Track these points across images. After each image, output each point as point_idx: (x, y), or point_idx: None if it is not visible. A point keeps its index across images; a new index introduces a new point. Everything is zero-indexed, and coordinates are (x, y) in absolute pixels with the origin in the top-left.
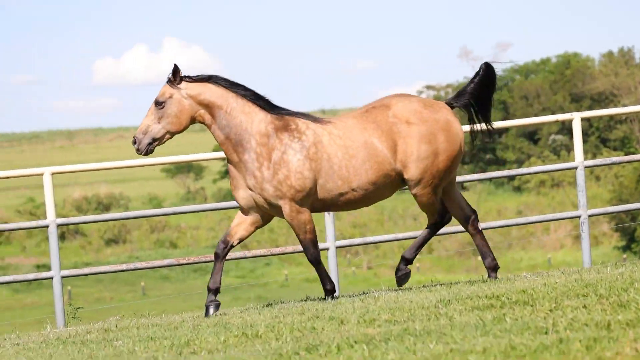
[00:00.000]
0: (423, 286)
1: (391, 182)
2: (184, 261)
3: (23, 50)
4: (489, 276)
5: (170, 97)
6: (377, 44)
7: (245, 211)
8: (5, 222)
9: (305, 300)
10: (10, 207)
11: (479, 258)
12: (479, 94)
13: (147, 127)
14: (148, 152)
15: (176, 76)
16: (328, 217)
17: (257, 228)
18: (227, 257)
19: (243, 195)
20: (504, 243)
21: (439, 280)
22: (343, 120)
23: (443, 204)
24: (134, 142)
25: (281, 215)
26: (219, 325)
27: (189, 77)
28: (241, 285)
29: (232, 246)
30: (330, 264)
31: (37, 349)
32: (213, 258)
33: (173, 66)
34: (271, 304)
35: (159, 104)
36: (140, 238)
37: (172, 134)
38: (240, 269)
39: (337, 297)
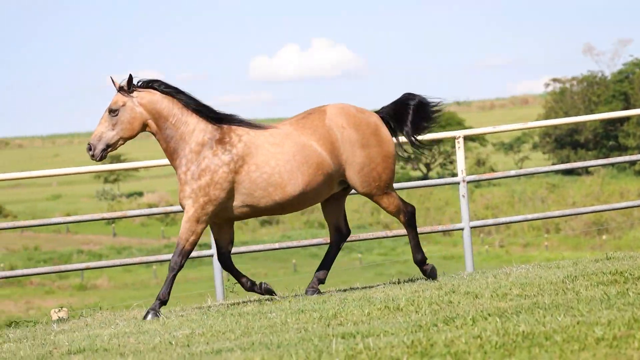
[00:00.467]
0: (551, 263)
1: (329, 184)
2: None
3: (187, 48)
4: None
5: (124, 105)
6: (507, 41)
7: None
8: (171, 205)
9: (443, 276)
10: (174, 191)
11: (604, 237)
12: (395, 114)
13: (101, 133)
14: (102, 157)
15: (130, 85)
16: (463, 199)
17: (231, 222)
18: (370, 237)
19: None
20: (627, 223)
21: (566, 258)
22: (281, 127)
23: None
24: (89, 149)
25: None
26: (364, 299)
27: (137, 85)
28: (384, 262)
29: (229, 252)
30: (465, 242)
31: (199, 320)
32: (357, 238)
33: (128, 76)
34: (411, 280)
35: (112, 111)
36: (292, 219)
37: (125, 140)
38: (382, 247)
39: (158, 310)
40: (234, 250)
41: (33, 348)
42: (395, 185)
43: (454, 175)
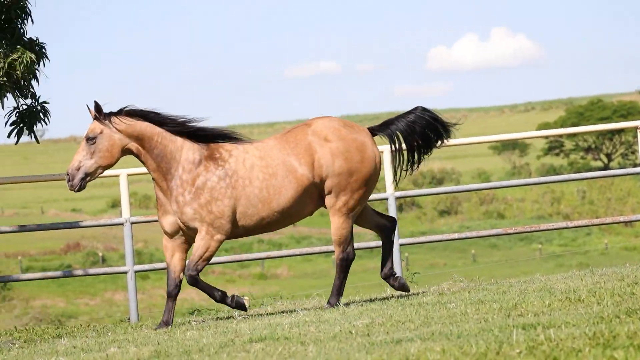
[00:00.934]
0: None
1: (311, 199)
2: (511, 231)
3: (368, 41)
4: (392, 284)
5: (101, 132)
6: None
7: (170, 236)
8: None
9: (625, 267)
10: None
11: None
12: (407, 133)
13: (79, 163)
14: (81, 187)
15: (101, 113)
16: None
17: (187, 251)
18: (550, 227)
19: (170, 221)
20: None
21: None
22: (265, 142)
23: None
24: (68, 180)
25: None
26: (544, 290)
27: (116, 112)
28: (564, 253)
29: (180, 281)
30: None
31: (378, 309)
32: (537, 229)
33: (94, 104)
34: (592, 271)
35: (90, 139)
36: (470, 209)
37: (104, 168)
38: (562, 238)
39: (242, 303)
40: (413, 240)
41: (215, 336)
42: (576, 175)
43: (636, 165)
